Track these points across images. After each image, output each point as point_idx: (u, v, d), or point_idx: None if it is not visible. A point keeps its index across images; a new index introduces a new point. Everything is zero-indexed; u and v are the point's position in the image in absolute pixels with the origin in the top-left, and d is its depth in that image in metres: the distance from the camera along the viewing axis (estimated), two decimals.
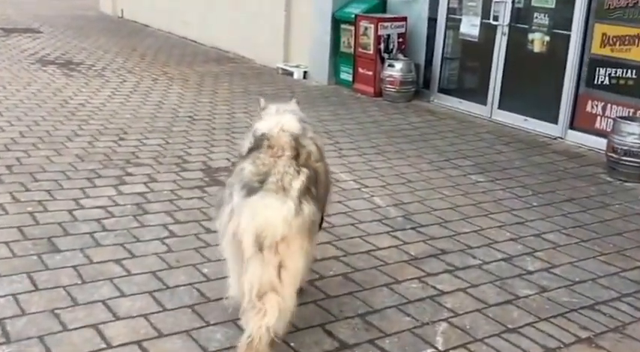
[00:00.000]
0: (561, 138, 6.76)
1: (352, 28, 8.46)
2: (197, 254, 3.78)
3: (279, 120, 2.90)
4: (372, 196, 4.91)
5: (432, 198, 4.94)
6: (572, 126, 6.70)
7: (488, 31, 7.43)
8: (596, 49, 6.37)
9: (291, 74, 9.34)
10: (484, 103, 7.55)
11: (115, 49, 10.84)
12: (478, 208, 4.81)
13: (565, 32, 6.64)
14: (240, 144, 3.19)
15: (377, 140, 6.44)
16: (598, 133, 6.41)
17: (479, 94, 7.63)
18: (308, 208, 2.63)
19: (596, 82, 6.43)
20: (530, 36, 7.01)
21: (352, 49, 8.54)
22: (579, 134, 6.62)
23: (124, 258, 3.66)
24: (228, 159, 5.51)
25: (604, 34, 6.29)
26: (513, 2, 7.12)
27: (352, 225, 4.35)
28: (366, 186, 5.12)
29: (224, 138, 6.21)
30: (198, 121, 6.78)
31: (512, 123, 7.21)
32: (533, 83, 7.19)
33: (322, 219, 3.03)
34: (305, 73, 9.27)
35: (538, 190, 5.27)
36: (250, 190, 2.59)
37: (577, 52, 6.53)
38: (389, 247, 4.04)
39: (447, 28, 7.95)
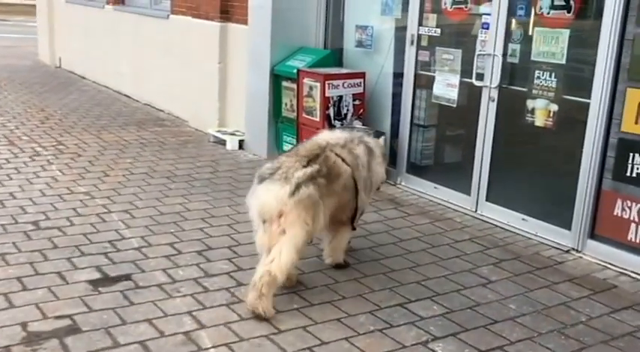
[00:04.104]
0: (576, 250, 4.61)
1: (295, 86, 6.44)
2: None
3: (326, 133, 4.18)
4: None
5: None
6: (592, 235, 4.56)
7: (470, 94, 5.35)
8: (628, 125, 4.24)
9: (223, 143, 7.28)
10: (467, 192, 5.43)
11: (19, 109, 8.77)
12: None
13: (582, 100, 4.54)
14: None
15: (301, 263, 4.29)
16: (633, 247, 4.30)
17: (460, 179, 5.51)
18: (306, 190, 3.48)
19: (628, 173, 4.29)
20: (530, 103, 4.85)
21: (296, 114, 6.50)
22: (604, 247, 4.48)
23: None
24: (23, 325, 3.36)
25: None
26: (505, 55, 5.03)
27: None
28: None
29: (56, 268, 3.96)
30: (42, 232, 4.55)
31: (506, 223, 5.07)
32: (534, 169, 5.06)
33: (356, 212, 4.03)
34: (241, 142, 7.21)
35: None
36: (261, 179, 3.58)
37: (600, 129, 4.40)
38: None
39: (416, 86, 5.89)
